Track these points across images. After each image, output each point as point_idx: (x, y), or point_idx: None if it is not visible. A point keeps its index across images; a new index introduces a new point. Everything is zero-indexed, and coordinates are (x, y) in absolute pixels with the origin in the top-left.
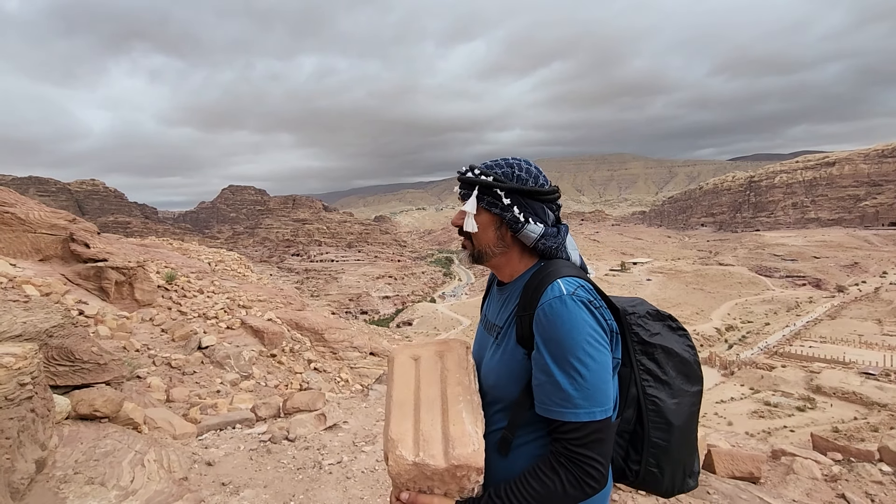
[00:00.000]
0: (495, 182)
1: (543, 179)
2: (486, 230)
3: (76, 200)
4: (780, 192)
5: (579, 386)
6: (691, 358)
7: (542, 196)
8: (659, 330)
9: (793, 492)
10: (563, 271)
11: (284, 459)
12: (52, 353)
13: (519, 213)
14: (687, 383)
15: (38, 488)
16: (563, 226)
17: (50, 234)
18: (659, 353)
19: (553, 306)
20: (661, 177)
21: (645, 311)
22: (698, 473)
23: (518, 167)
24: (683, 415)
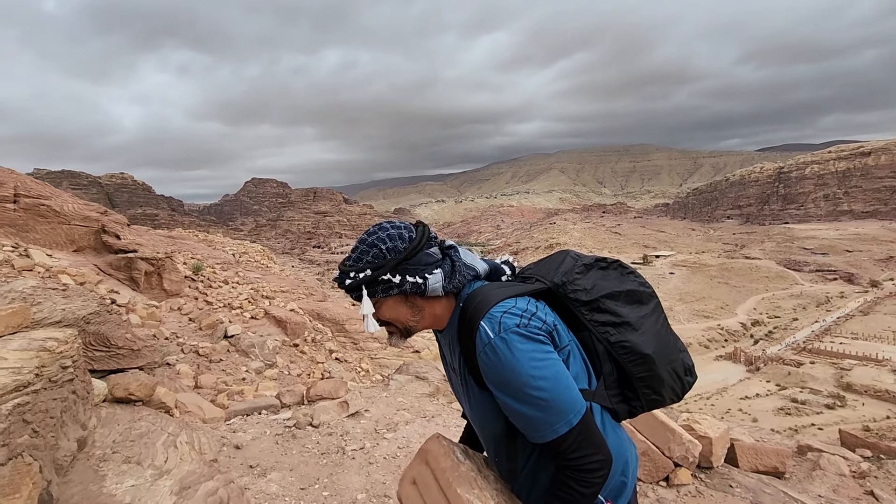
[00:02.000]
0: (376, 272)
1: (407, 230)
2: (397, 310)
3: (107, 193)
4: (811, 183)
5: (545, 407)
6: (633, 284)
7: (420, 247)
8: (593, 282)
9: (819, 487)
10: (482, 306)
11: (309, 444)
12: (90, 338)
13: (414, 278)
14: (641, 308)
15: (80, 465)
16: (450, 249)
17: (83, 225)
18: (604, 302)
19: (488, 355)
20: (686, 168)
21: (573, 270)
22: (692, 366)
23: (382, 240)
24: (652, 337)
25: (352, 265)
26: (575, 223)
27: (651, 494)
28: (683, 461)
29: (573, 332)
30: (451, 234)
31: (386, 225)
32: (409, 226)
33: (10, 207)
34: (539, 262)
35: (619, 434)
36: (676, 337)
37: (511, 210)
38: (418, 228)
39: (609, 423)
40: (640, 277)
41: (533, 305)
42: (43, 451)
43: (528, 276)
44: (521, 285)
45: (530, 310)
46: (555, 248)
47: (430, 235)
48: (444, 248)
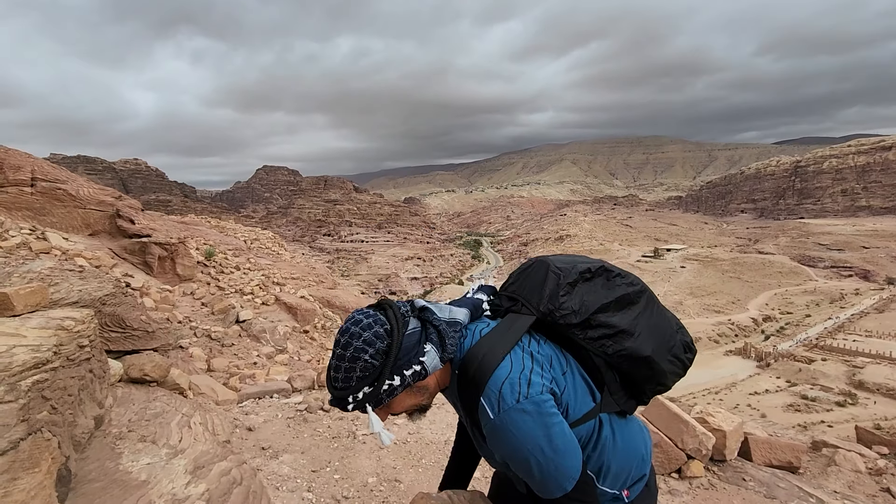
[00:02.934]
0: (375, 386)
1: (378, 323)
2: (405, 401)
3: (121, 179)
4: (828, 177)
5: (545, 476)
6: (621, 289)
7: (401, 336)
8: (581, 300)
9: (834, 483)
10: (479, 377)
11: (320, 428)
12: (106, 319)
13: (411, 369)
14: (634, 308)
15: (97, 443)
16: (423, 312)
17: (98, 209)
18: (596, 318)
19: (493, 434)
20: (700, 161)
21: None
22: (691, 341)
23: (361, 349)
24: (649, 335)
25: (343, 387)
26: (585, 215)
27: (663, 486)
28: (696, 453)
29: (569, 351)
30: (462, 224)
31: (354, 329)
32: (378, 317)
33: (27, 191)
34: (520, 277)
35: (630, 431)
36: (671, 318)
37: (521, 201)
38: (388, 313)
39: (618, 427)
40: (627, 278)
41: (528, 361)
42: (61, 428)
43: (513, 298)
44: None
45: (526, 374)
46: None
47: (401, 314)
48: (418, 315)
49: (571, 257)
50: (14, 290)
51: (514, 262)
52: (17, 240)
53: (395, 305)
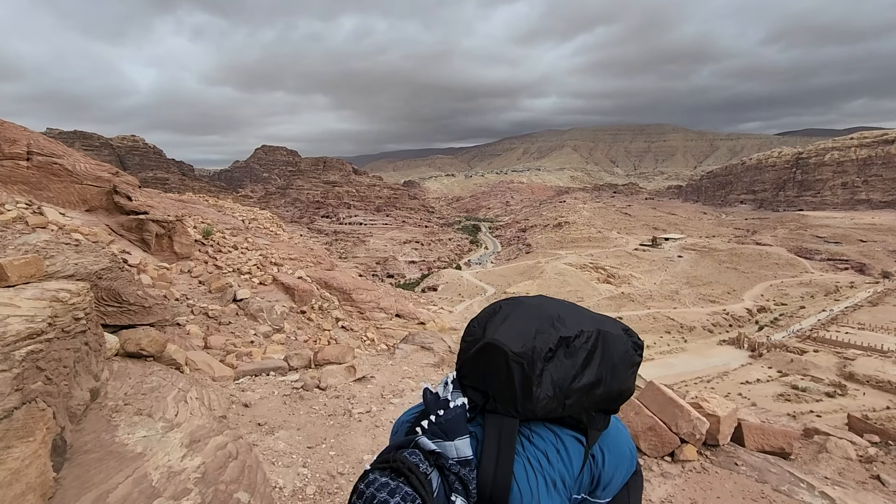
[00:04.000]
0: None
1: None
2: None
3: (118, 155)
4: (829, 170)
5: None
6: (582, 351)
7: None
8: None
9: (825, 469)
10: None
11: (316, 406)
12: (102, 293)
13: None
14: (594, 360)
15: (93, 415)
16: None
17: (95, 185)
18: (569, 391)
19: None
20: (702, 150)
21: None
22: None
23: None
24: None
25: None
26: (585, 202)
27: (655, 469)
28: (690, 438)
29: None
30: (461, 209)
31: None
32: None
33: (23, 165)
34: (475, 364)
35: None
36: (619, 332)
37: (521, 187)
38: (412, 481)
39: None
40: (582, 336)
41: (534, 481)
42: (56, 399)
43: (482, 391)
44: (502, 438)
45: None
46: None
47: (425, 479)
48: (434, 462)
49: (519, 325)
50: (8, 260)
51: (512, 248)
52: (12, 214)
53: (415, 470)
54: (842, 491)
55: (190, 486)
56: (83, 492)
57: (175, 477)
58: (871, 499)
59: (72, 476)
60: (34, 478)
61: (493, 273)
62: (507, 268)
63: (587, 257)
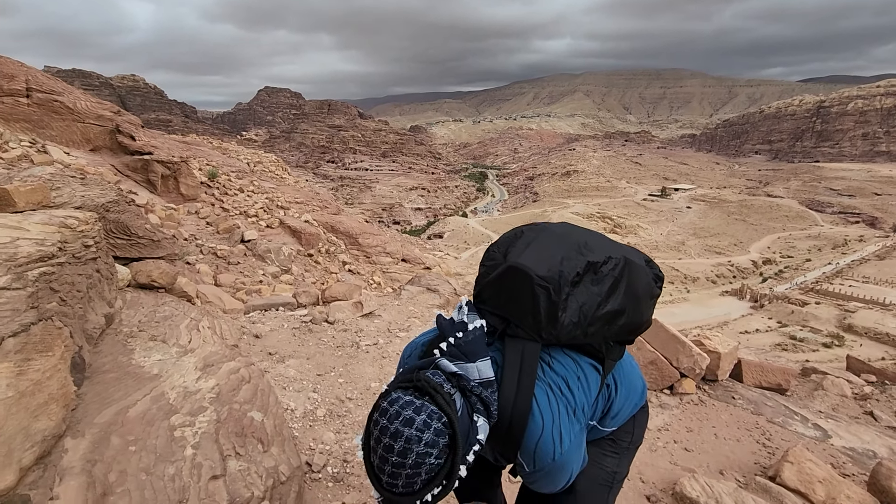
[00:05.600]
0: (443, 486)
1: (432, 416)
2: None
3: (119, 96)
4: (851, 119)
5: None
6: (609, 278)
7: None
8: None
9: (819, 405)
10: (516, 438)
11: (325, 338)
12: (110, 226)
13: (472, 450)
14: (619, 287)
15: (109, 339)
16: (457, 378)
17: (97, 124)
18: (595, 320)
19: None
20: (720, 97)
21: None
22: (659, 272)
23: (427, 453)
24: (635, 301)
25: (406, 492)
26: (595, 150)
27: (654, 400)
28: (690, 372)
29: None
30: (468, 156)
31: (409, 432)
32: (432, 409)
33: (23, 102)
34: (496, 289)
35: (627, 375)
36: (642, 262)
37: (530, 133)
38: (438, 400)
39: (619, 375)
40: (609, 263)
41: (556, 406)
42: (72, 320)
43: (501, 316)
44: (524, 363)
45: (557, 426)
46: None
47: (450, 398)
48: (456, 384)
49: (544, 250)
50: (14, 186)
51: (518, 196)
52: (17, 152)
53: (440, 389)
54: (834, 424)
55: (206, 404)
56: (104, 406)
57: (191, 396)
58: (863, 431)
59: (92, 392)
60: (56, 389)
61: (499, 221)
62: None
63: (594, 207)
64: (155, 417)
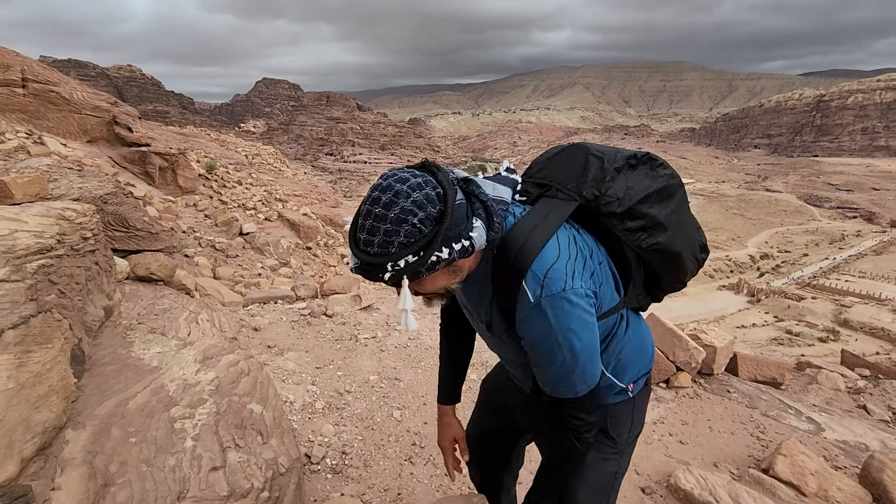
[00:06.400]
0: (423, 256)
1: (428, 184)
2: (438, 280)
3: (116, 86)
4: (851, 114)
5: (565, 373)
6: (663, 180)
7: (453, 204)
8: (625, 188)
9: (813, 398)
10: (522, 259)
11: (323, 331)
12: (108, 218)
13: (460, 244)
14: (671, 202)
15: (108, 332)
16: (466, 183)
17: (94, 115)
18: (637, 208)
19: (530, 317)
20: (720, 90)
21: (605, 183)
22: (706, 243)
23: (409, 211)
24: (680, 232)
25: (381, 252)
26: None
27: (650, 394)
28: (686, 366)
29: (602, 242)
30: (467, 149)
31: (400, 187)
32: (428, 178)
33: (19, 92)
34: (550, 162)
35: (641, 328)
36: (693, 217)
37: (529, 126)
38: (438, 177)
39: (633, 321)
40: (668, 169)
41: (574, 249)
42: (71, 312)
43: (544, 184)
44: (552, 212)
45: (572, 263)
46: None
47: (451, 181)
48: (461, 188)
49: (607, 146)
50: (11, 178)
51: None
52: (13, 143)
53: (443, 170)
54: (828, 417)
55: (205, 396)
56: (104, 398)
57: (191, 388)
58: (856, 425)
59: (92, 384)
60: (56, 381)
61: None
62: None
63: None
64: (155, 409)
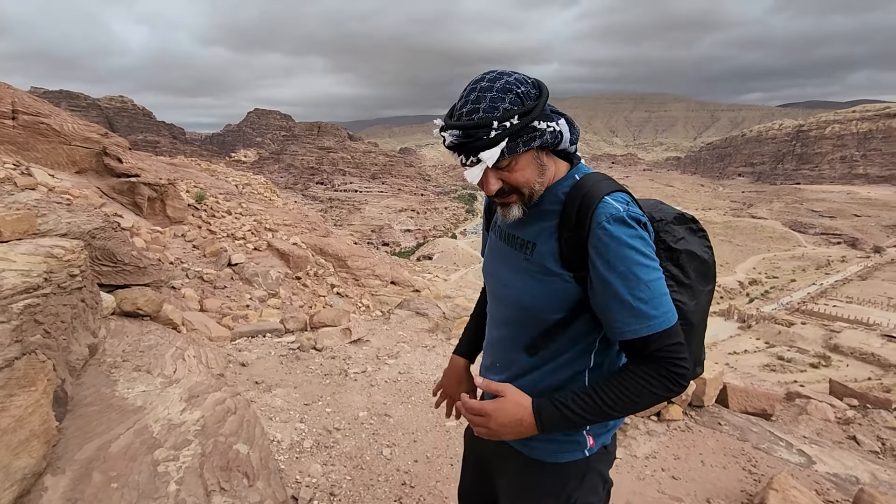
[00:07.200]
0: (526, 118)
1: (529, 79)
2: (529, 169)
3: (106, 117)
4: (829, 143)
5: (648, 300)
6: (710, 258)
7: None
8: (683, 234)
9: (804, 430)
10: (605, 185)
11: (312, 366)
12: (96, 253)
13: (554, 126)
14: (704, 283)
15: (92, 370)
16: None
17: (84, 146)
18: (683, 257)
19: (611, 228)
20: (702, 121)
21: (671, 216)
22: (703, 361)
23: (514, 84)
24: (700, 313)
25: (487, 114)
26: None
27: (642, 427)
28: (676, 399)
29: None
30: (457, 177)
31: (505, 70)
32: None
33: (8, 124)
34: None
35: None
36: (705, 330)
37: None
38: (537, 80)
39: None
40: (714, 258)
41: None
42: (56, 352)
43: None
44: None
45: (637, 207)
46: None
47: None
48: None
49: None
50: (0, 216)
51: None
52: (0, 175)
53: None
54: (818, 449)
55: (190, 437)
56: (85, 441)
57: (175, 429)
58: (847, 456)
59: (74, 427)
60: (38, 425)
61: None
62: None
63: None
64: (138, 452)
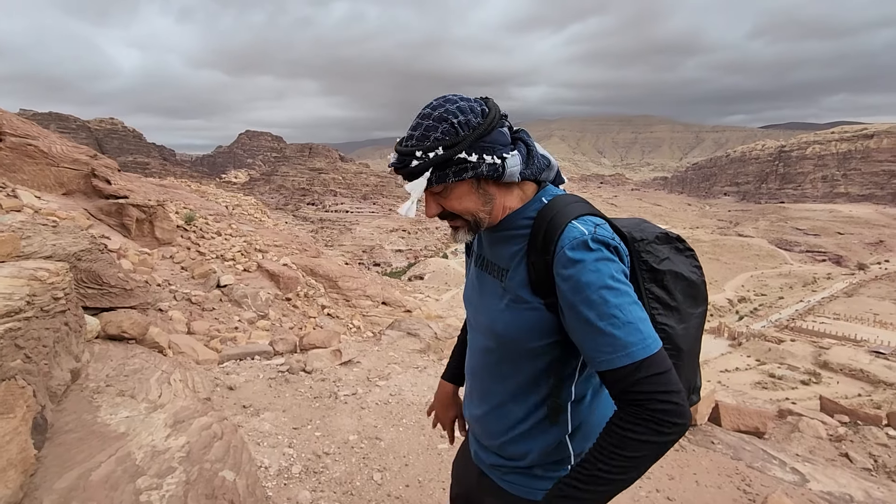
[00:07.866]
0: (450, 150)
1: (477, 102)
2: (467, 199)
3: (96, 139)
4: (810, 163)
5: (621, 325)
6: (698, 279)
7: (495, 123)
8: (667, 254)
9: (796, 447)
10: (573, 209)
11: (302, 388)
12: (81, 275)
13: (492, 158)
14: (694, 305)
15: (74, 396)
16: (518, 132)
17: (72, 168)
18: (668, 278)
19: (574, 253)
20: (688, 142)
21: (653, 235)
22: (700, 388)
23: (452, 113)
24: (690, 338)
25: (416, 143)
26: (571, 192)
27: None
28: None
29: None
30: None
31: (452, 97)
32: (479, 100)
33: None
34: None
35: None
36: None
37: None
38: (489, 103)
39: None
40: (704, 278)
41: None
42: (36, 377)
43: None
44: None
45: (608, 228)
46: None
47: (500, 114)
48: (512, 132)
49: None
50: None
51: None
52: None
53: (491, 103)
54: (812, 467)
55: (175, 464)
56: (65, 470)
57: (159, 456)
58: (839, 474)
59: (53, 455)
60: (15, 454)
61: None
62: None
63: None
64: (120, 481)
